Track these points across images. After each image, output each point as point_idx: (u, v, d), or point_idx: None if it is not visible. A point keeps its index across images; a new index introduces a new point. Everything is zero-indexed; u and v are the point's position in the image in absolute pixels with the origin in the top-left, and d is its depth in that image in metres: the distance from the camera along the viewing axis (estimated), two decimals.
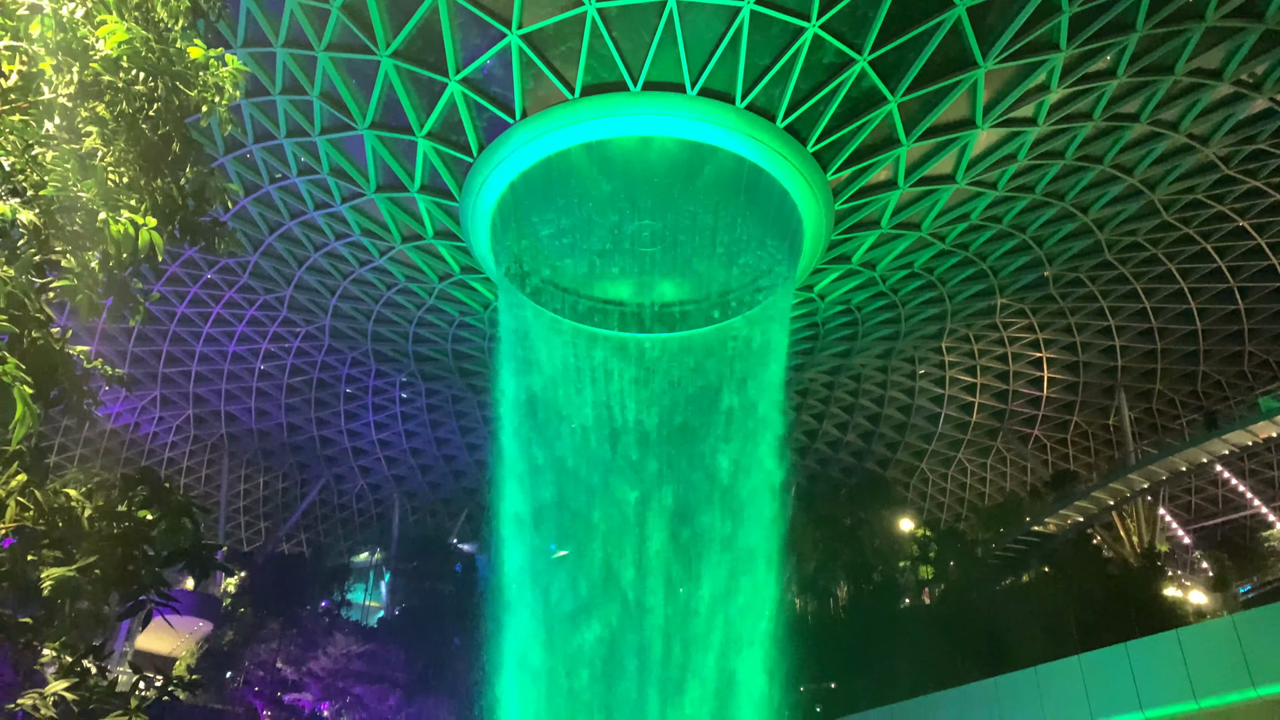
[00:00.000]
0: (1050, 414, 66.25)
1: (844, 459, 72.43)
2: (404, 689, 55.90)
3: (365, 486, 76.89)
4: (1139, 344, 58.09)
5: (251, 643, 56.45)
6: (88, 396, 7.74)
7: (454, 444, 72.56)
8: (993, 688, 31.44)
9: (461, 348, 58.97)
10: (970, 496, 74.56)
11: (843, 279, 49.18)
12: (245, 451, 71.12)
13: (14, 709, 6.79)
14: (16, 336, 6.06)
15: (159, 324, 56.86)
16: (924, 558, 62.15)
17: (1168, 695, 26.06)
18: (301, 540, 77.45)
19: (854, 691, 44.47)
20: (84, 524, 6.93)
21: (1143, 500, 57.70)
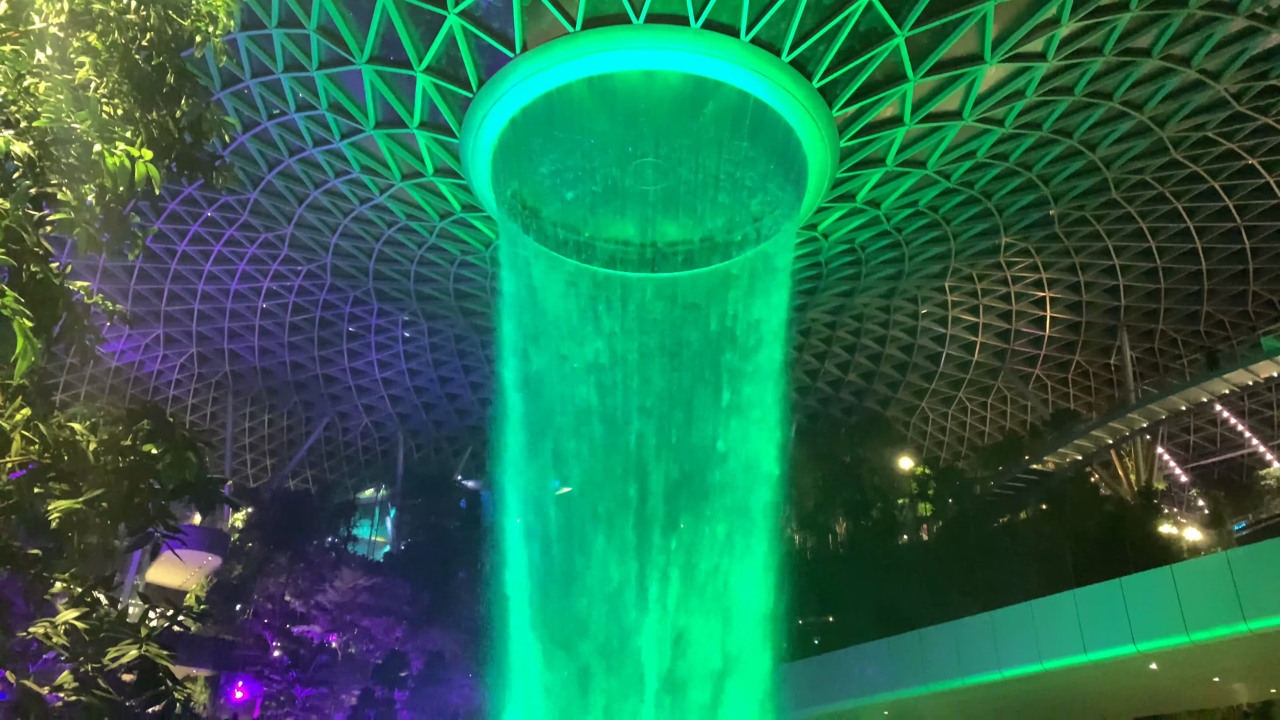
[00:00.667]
0: (1052, 353, 66.29)
1: (845, 398, 72.70)
2: (410, 621, 56.98)
3: (369, 424, 77.41)
4: (1143, 283, 57.86)
5: (260, 576, 57.41)
6: (89, 332, 7.76)
7: (457, 382, 72.86)
8: (988, 621, 31.98)
9: (463, 287, 58.85)
10: (970, 435, 74.98)
11: (847, 218, 48.82)
12: (249, 389, 71.48)
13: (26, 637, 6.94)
14: (15, 270, 6.06)
15: (160, 262, 56.71)
16: (923, 495, 62.80)
17: (1160, 629, 26.51)
18: (307, 477, 78.23)
19: (852, 625, 45.22)
20: (89, 458, 7.00)
21: (1142, 439, 58.06)
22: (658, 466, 31.42)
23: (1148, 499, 55.30)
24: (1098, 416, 60.47)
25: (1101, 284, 58.91)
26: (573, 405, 32.02)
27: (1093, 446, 58.08)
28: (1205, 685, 31.21)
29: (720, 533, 30.72)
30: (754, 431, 31.80)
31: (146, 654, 7.09)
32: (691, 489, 31.55)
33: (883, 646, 35.53)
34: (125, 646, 7.31)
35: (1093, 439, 57.56)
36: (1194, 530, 60.39)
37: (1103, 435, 57.21)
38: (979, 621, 32.29)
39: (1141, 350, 63.23)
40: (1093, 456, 59.05)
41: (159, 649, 7.33)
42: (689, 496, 31.57)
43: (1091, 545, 46.74)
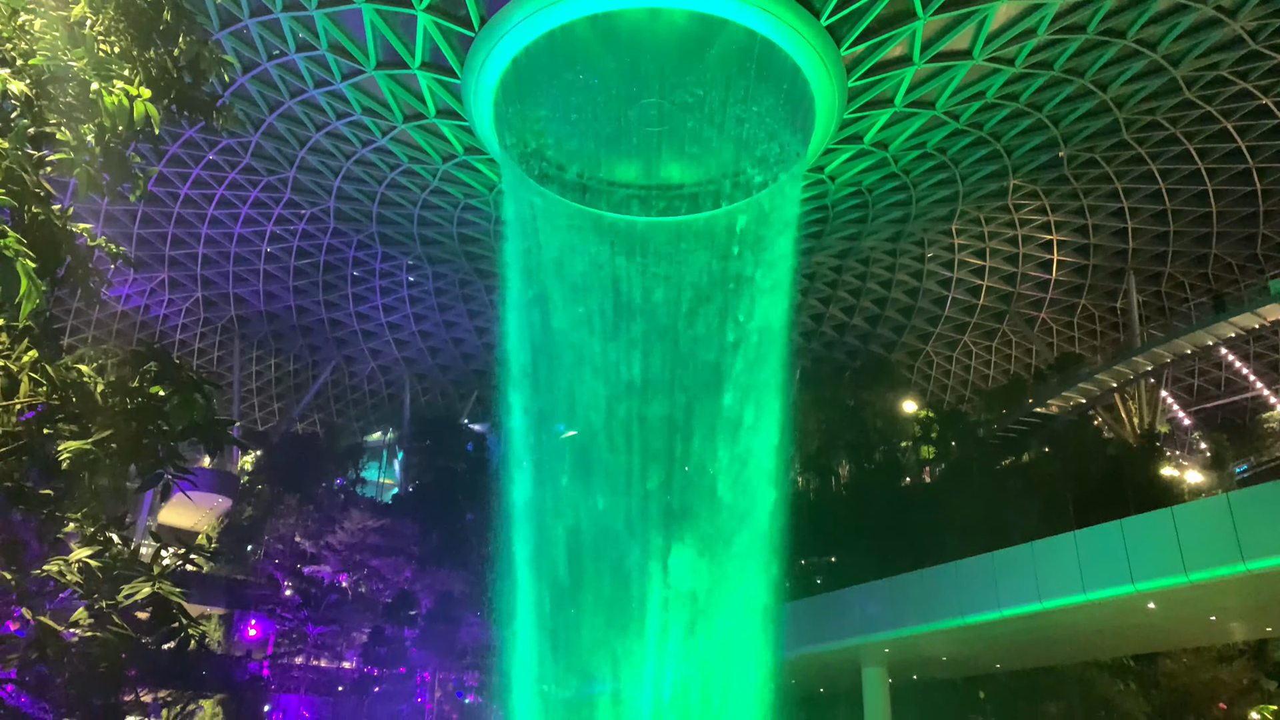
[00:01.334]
0: (1058, 297, 66.02)
1: (849, 342, 72.66)
2: (419, 561, 57.80)
3: (376, 368, 77.69)
4: (1151, 226, 57.36)
5: (270, 518, 58.15)
6: (94, 275, 7.77)
7: (462, 327, 72.90)
8: (988, 562, 32.32)
9: (467, 231, 58.58)
10: (974, 379, 75.05)
11: (854, 159, 48.30)
12: (255, 333, 71.64)
13: (41, 575, 7.05)
14: (16, 211, 6.04)
15: (163, 205, 56.45)
16: (925, 438, 63.08)
17: (1159, 569, 26.79)
18: (315, 420, 78.78)
19: (853, 566, 45.78)
20: (97, 399, 7.05)
21: (1145, 382, 58.10)
22: (662, 404, 31.47)
23: (1150, 442, 55.52)
24: (1102, 360, 60.46)
25: (1109, 227, 58.41)
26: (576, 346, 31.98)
27: (1096, 390, 58.17)
28: (1202, 624, 31.65)
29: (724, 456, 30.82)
30: (753, 390, 31.75)
31: (159, 591, 7.22)
32: (695, 429, 31.59)
33: (884, 586, 35.98)
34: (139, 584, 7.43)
35: (1097, 382, 57.61)
36: (1195, 473, 60.74)
37: (1107, 379, 57.25)
38: (979, 562, 32.65)
39: (1148, 294, 62.93)
40: (1096, 400, 59.16)
41: (171, 586, 7.46)
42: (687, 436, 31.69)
43: (1093, 487, 47.03)
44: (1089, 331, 69.29)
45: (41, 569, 7.10)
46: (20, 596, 7.16)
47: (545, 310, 36.60)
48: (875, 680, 37.20)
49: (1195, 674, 40.19)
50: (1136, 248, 59.24)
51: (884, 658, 36.85)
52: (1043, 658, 37.99)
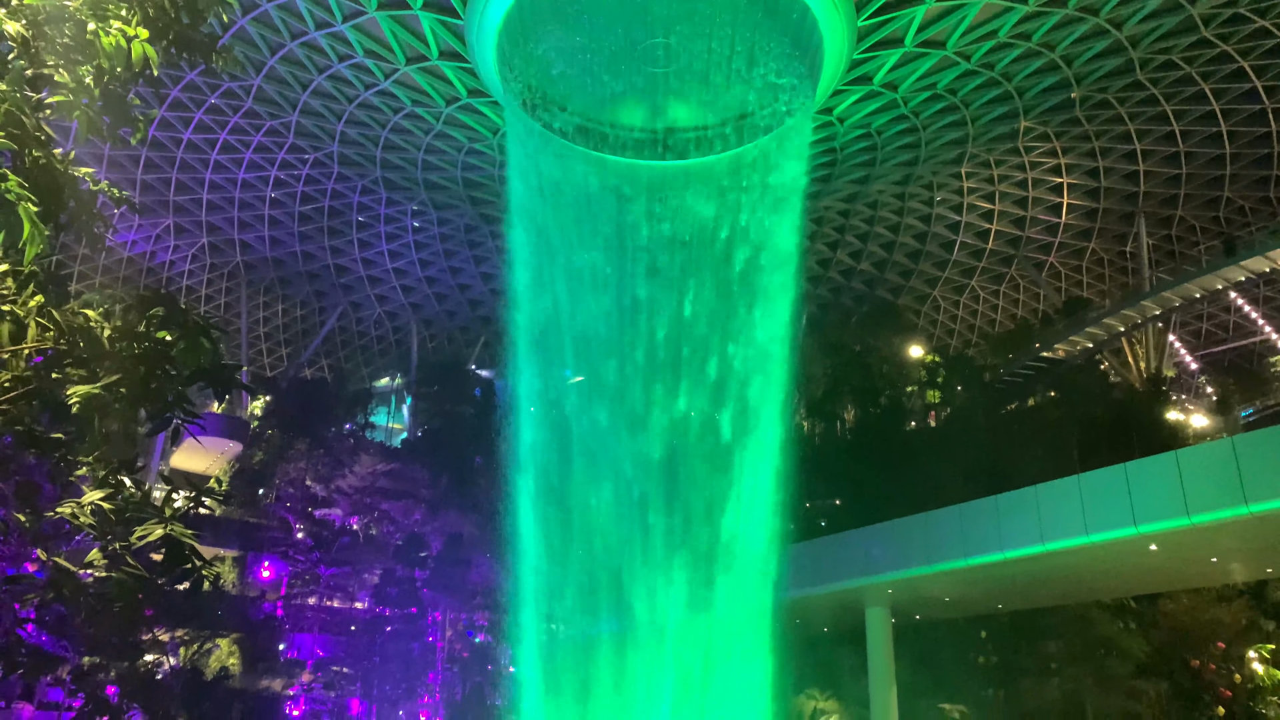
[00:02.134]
0: (1067, 240, 65.50)
1: (857, 287, 72.37)
2: (429, 504, 58.45)
3: (383, 314, 77.75)
4: (1164, 168, 56.65)
5: (280, 462, 58.71)
6: (98, 219, 7.76)
7: (468, 273, 72.75)
8: (992, 505, 32.52)
9: (472, 175, 58.15)
10: (981, 324, 74.84)
11: (863, 101, 47.62)
12: (262, 279, 71.62)
13: (54, 517, 7.16)
14: (17, 155, 6.01)
15: (166, 150, 56.09)
16: (931, 383, 63.11)
17: (1161, 512, 26.93)
18: (323, 366, 79.11)
19: (858, 508, 46.15)
20: (104, 344, 7.09)
21: (1154, 327, 57.89)
22: (669, 348, 31.40)
23: (1156, 386, 55.50)
24: (1110, 304, 60.16)
25: (1121, 169, 57.71)
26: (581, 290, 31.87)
27: (1104, 334, 57.99)
28: (1202, 565, 31.93)
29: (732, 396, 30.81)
30: (760, 336, 31.56)
31: (171, 533, 7.32)
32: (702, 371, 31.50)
33: (888, 528, 36.28)
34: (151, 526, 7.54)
35: (1104, 326, 57.42)
36: (1201, 417, 60.80)
37: (1115, 323, 57.04)
38: (983, 504, 32.85)
39: (1158, 237, 62.40)
40: (1104, 344, 59.02)
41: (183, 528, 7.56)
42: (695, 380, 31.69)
43: (1098, 431, 47.14)
44: (1097, 276, 68.88)
45: (54, 511, 7.21)
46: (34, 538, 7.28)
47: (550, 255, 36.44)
48: (878, 620, 37.74)
49: (1195, 614, 40.66)
50: (1148, 190, 58.58)
51: (887, 598, 37.32)
52: (1044, 598, 38.43)
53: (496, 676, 50.88)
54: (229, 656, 50.88)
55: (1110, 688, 39.58)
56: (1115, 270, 67.82)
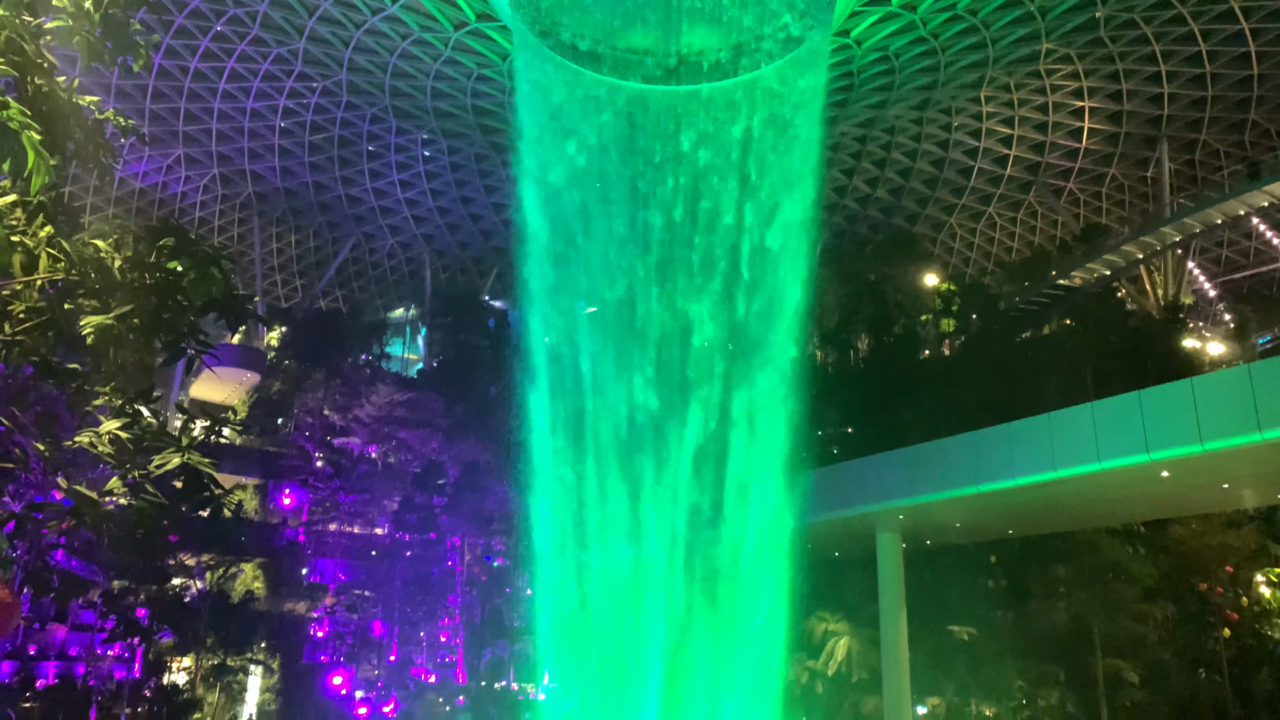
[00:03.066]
0: (1087, 166, 64.38)
1: (872, 215, 71.59)
2: (445, 433, 59.11)
3: (395, 245, 77.59)
4: (1189, 90, 55.28)
5: (298, 392, 59.33)
6: (105, 149, 7.73)
7: (480, 203, 72.31)
8: (1004, 433, 32.58)
9: (481, 103, 57.38)
10: (998, 251, 74.10)
11: (881, 23, 46.47)
12: (274, 210, 71.43)
13: (73, 446, 7.28)
14: (19, 82, 5.97)
15: (174, 79, 55.50)
16: (946, 311, 62.74)
17: (1174, 439, 26.93)
18: (338, 297, 79.32)
19: (870, 437, 46.33)
20: (116, 275, 7.12)
21: (1173, 254, 57.19)
22: (682, 274, 31.16)
23: (1174, 314, 55.01)
24: (1130, 231, 59.34)
25: (1145, 92, 56.35)
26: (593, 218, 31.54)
27: (1122, 261, 57.33)
28: (1214, 491, 32.03)
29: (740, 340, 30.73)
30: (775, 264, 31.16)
31: (189, 462, 7.43)
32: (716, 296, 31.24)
33: (900, 456, 36.44)
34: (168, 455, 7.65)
35: (1123, 254, 56.75)
36: (1218, 344, 60.38)
37: (1133, 250, 56.34)
38: (995, 432, 32.90)
39: (1181, 162, 61.21)
40: (1121, 272, 58.39)
41: (201, 457, 7.67)
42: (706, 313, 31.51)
43: (1113, 360, 46.92)
44: (1117, 202, 67.84)
45: (73, 440, 7.33)
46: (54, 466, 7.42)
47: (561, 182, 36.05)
48: (889, 546, 38.19)
49: (1204, 539, 40.96)
50: (1172, 114, 57.28)
51: (898, 524, 37.71)
52: (1054, 524, 38.74)
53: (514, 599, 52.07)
54: (254, 580, 52.19)
55: (1117, 611, 40.12)
56: (1135, 196, 66.75)
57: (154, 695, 43.13)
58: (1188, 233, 53.94)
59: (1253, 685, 40.50)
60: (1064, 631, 41.70)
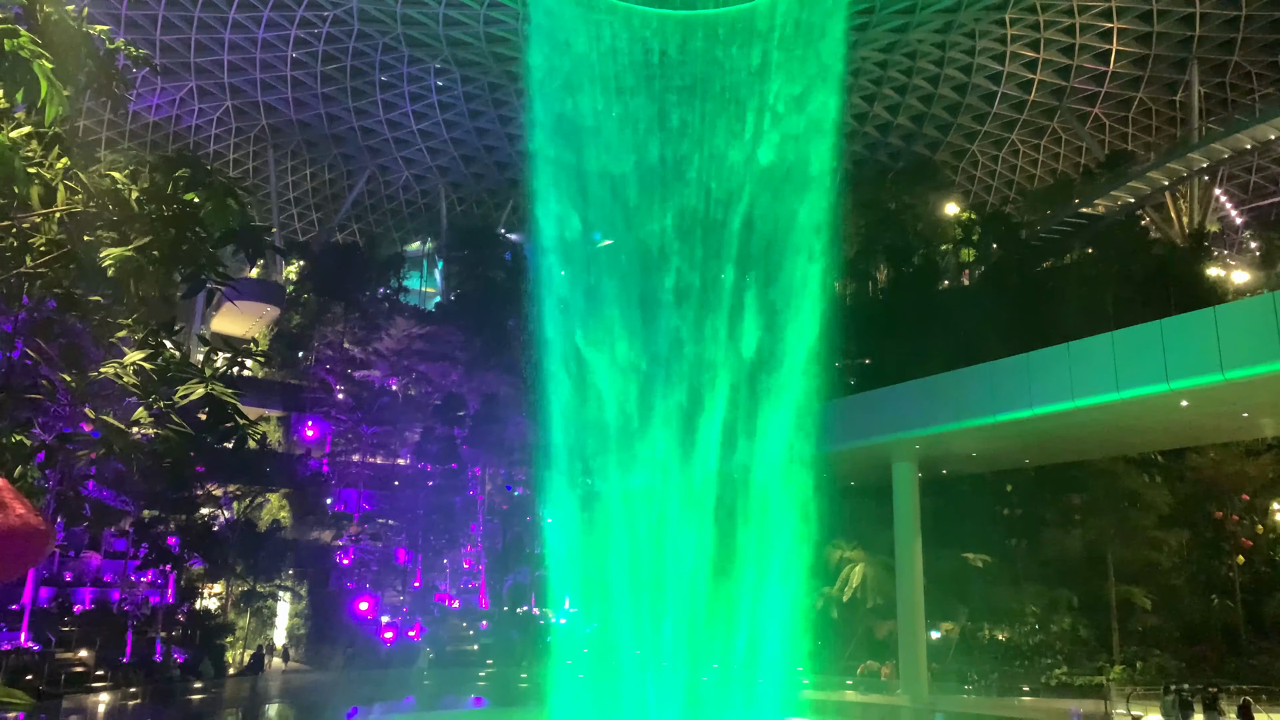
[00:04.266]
0: (1114, 90, 62.83)
1: (892, 143, 70.39)
2: (465, 366, 59.56)
3: (410, 178, 77.16)
4: (1221, 10, 53.57)
5: (317, 326, 59.74)
6: (117, 79, 7.70)
7: (495, 134, 71.58)
8: (1023, 363, 32.48)
9: (495, 30, 56.41)
10: (1020, 179, 72.90)
11: None
12: (288, 143, 71.02)
13: (98, 377, 7.40)
14: (28, 11, 5.93)
15: (183, 10, 54.82)
16: (966, 241, 62.04)
17: (1195, 368, 26.80)
18: (354, 230, 79.27)
19: (887, 367, 46.32)
20: (133, 206, 7.15)
21: (1199, 180, 56.11)
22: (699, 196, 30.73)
23: (1198, 241, 54.19)
24: (1156, 157, 58.13)
25: (1176, 12, 54.66)
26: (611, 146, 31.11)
27: (1147, 188, 56.28)
28: (1233, 420, 31.94)
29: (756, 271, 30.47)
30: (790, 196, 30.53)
31: (213, 392, 7.53)
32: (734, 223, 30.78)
33: (917, 386, 36.43)
34: (192, 385, 7.75)
35: (1148, 180, 55.67)
36: (1243, 272, 59.53)
37: (1159, 176, 55.25)
38: (1014, 362, 32.81)
39: (1211, 85, 59.61)
40: (1146, 199, 57.38)
41: (224, 387, 7.78)
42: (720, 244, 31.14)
43: (1135, 289, 46.46)
44: (1144, 127, 66.34)
45: (98, 371, 7.45)
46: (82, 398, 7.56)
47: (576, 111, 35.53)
48: (905, 475, 38.43)
49: (1221, 467, 41.02)
50: (1203, 35, 55.61)
51: (914, 454, 37.88)
52: (1071, 454, 38.80)
53: (535, 527, 52.99)
54: (279, 510, 53.31)
55: (1132, 538, 40.43)
56: (1163, 121, 65.23)
57: (187, 619, 44.50)
58: (1216, 158, 52.79)
59: (1264, 610, 40.94)
60: (1078, 558, 42.13)
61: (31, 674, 32.93)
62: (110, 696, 32.42)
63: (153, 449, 8.36)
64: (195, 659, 40.84)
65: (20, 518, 6.85)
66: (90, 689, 33.91)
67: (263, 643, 47.26)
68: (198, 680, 38.18)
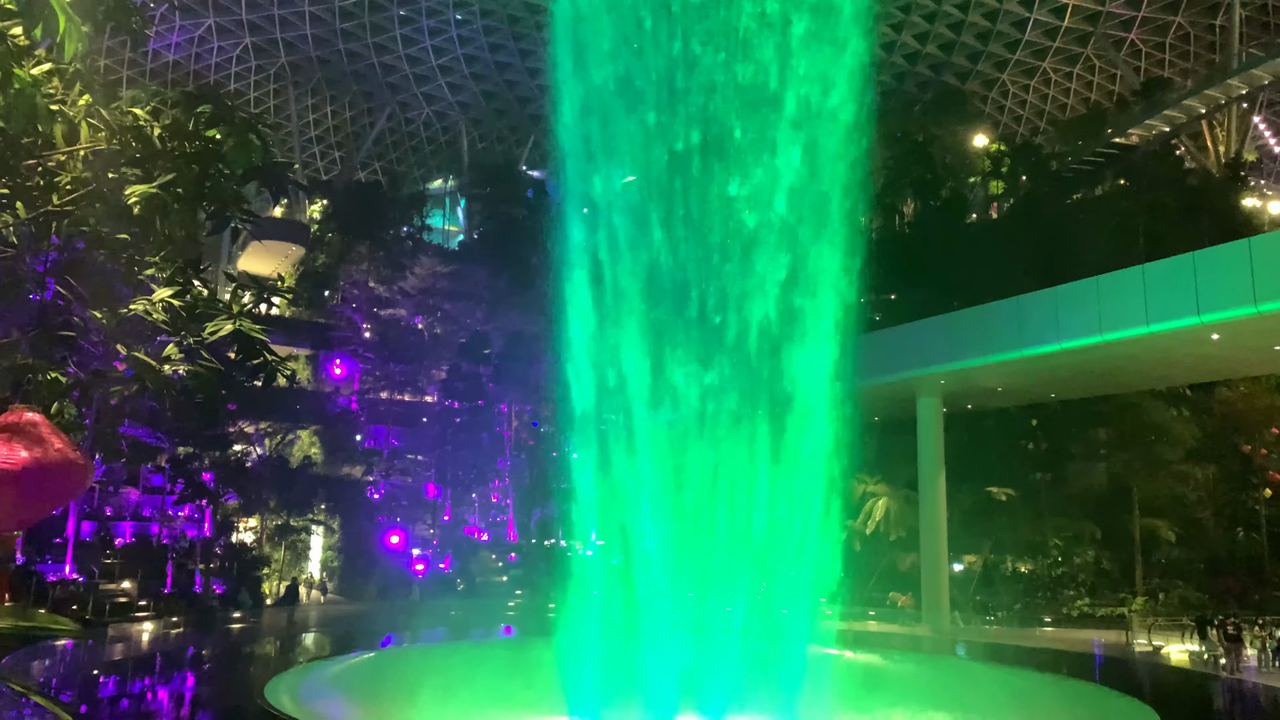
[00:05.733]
0: (1150, 15, 60.85)
1: (921, 73, 68.79)
2: (489, 304, 59.76)
3: (431, 114, 76.56)
4: None
5: (343, 264, 60.05)
6: (135, 15, 7.69)
7: (515, 69, 70.68)
8: (1050, 297, 32.14)
9: None
10: (1052, 109, 71.17)
11: None
12: (308, 81, 70.56)
13: (128, 314, 7.54)
14: None
15: None
16: (995, 173, 60.89)
17: (1228, 301, 26.43)
18: (376, 169, 79.05)
19: (913, 303, 45.96)
20: (156, 143, 7.20)
21: (1237, 107, 54.55)
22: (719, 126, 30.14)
23: (1234, 171, 52.91)
24: (1193, 84, 56.51)
25: None
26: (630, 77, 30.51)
27: (1183, 117, 54.86)
28: (1265, 354, 31.55)
29: None
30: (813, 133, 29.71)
31: (241, 329, 7.65)
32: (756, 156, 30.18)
33: (943, 321, 36.21)
34: (220, 322, 7.87)
35: (1184, 109, 54.25)
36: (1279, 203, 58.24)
37: (1196, 104, 53.82)
38: (1041, 296, 32.47)
39: (1253, 7, 57.58)
40: (1182, 128, 55.96)
41: (251, 324, 7.89)
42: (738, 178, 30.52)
43: (1167, 221, 45.63)
44: (1181, 54, 64.34)
45: (128, 308, 7.58)
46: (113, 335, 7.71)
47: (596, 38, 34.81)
48: (929, 410, 38.42)
49: (1251, 400, 40.68)
50: None
51: (940, 389, 37.81)
52: (1098, 388, 38.56)
53: (562, 462, 53.60)
54: (310, 447, 54.27)
55: (1158, 472, 40.37)
56: (1201, 47, 63.21)
57: (224, 552, 45.73)
58: (1255, 85, 51.28)
59: None
60: (1102, 492, 42.16)
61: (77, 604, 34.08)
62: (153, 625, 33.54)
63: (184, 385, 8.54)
64: (233, 590, 42.08)
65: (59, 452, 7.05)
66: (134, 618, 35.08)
67: (298, 575, 48.53)
68: (236, 610, 39.38)
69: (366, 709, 20.29)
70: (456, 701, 20.80)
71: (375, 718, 19.64)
